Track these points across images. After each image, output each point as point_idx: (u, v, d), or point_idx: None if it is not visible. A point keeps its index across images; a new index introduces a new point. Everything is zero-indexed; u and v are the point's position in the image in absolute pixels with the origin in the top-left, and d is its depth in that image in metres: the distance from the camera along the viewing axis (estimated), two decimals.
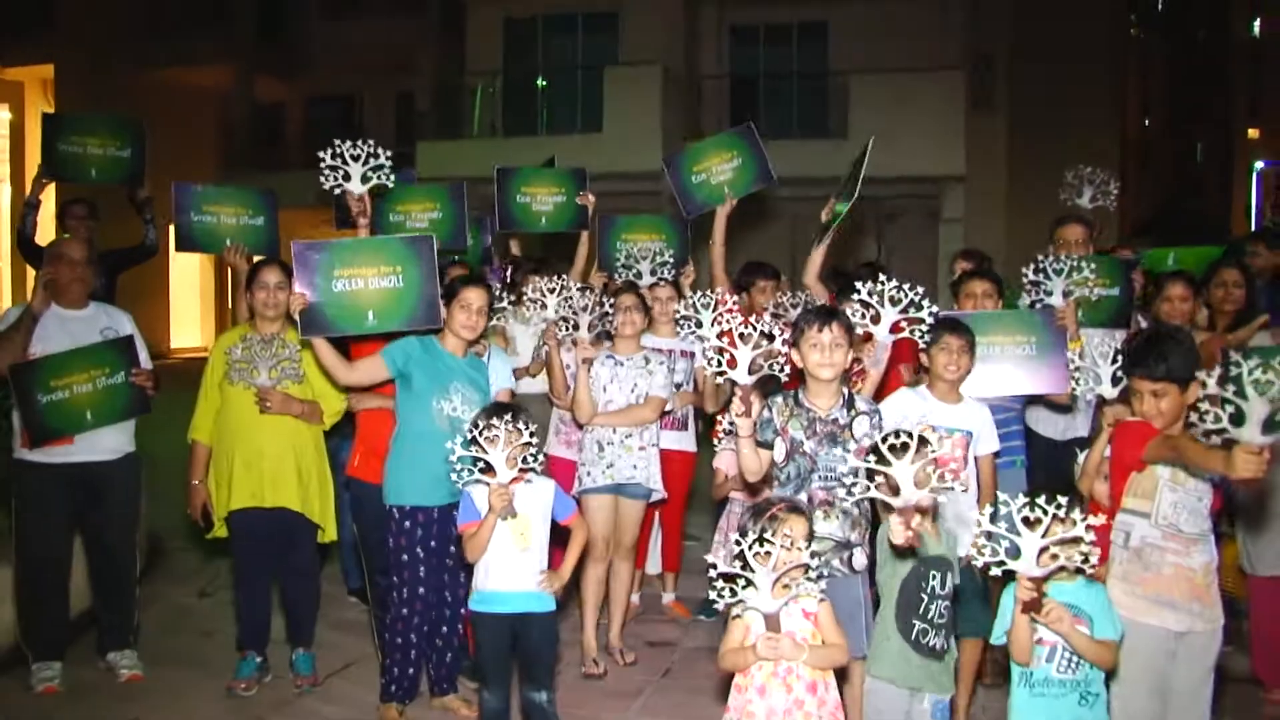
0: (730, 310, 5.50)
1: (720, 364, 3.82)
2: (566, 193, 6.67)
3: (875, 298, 4.28)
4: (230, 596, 5.84)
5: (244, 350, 4.86)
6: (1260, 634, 4.91)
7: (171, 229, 6.25)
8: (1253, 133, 65.48)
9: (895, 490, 3.16)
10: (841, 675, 3.57)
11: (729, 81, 20.99)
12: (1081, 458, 4.30)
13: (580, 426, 5.40)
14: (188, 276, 24.81)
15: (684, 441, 6.00)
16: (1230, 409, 3.05)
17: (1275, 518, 4.65)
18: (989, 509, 3.07)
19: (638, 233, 6.61)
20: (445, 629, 4.74)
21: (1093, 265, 5.20)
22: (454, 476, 4.03)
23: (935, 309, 4.34)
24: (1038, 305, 5.14)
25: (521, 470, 3.97)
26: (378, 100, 28.28)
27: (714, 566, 3.09)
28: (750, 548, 3.04)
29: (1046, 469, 5.17)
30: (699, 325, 5.44)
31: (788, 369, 3.96)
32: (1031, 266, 5.21)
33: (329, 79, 27.75)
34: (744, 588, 3.09)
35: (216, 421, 5.05)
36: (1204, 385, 3.18)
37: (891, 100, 18.68)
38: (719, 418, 5.54)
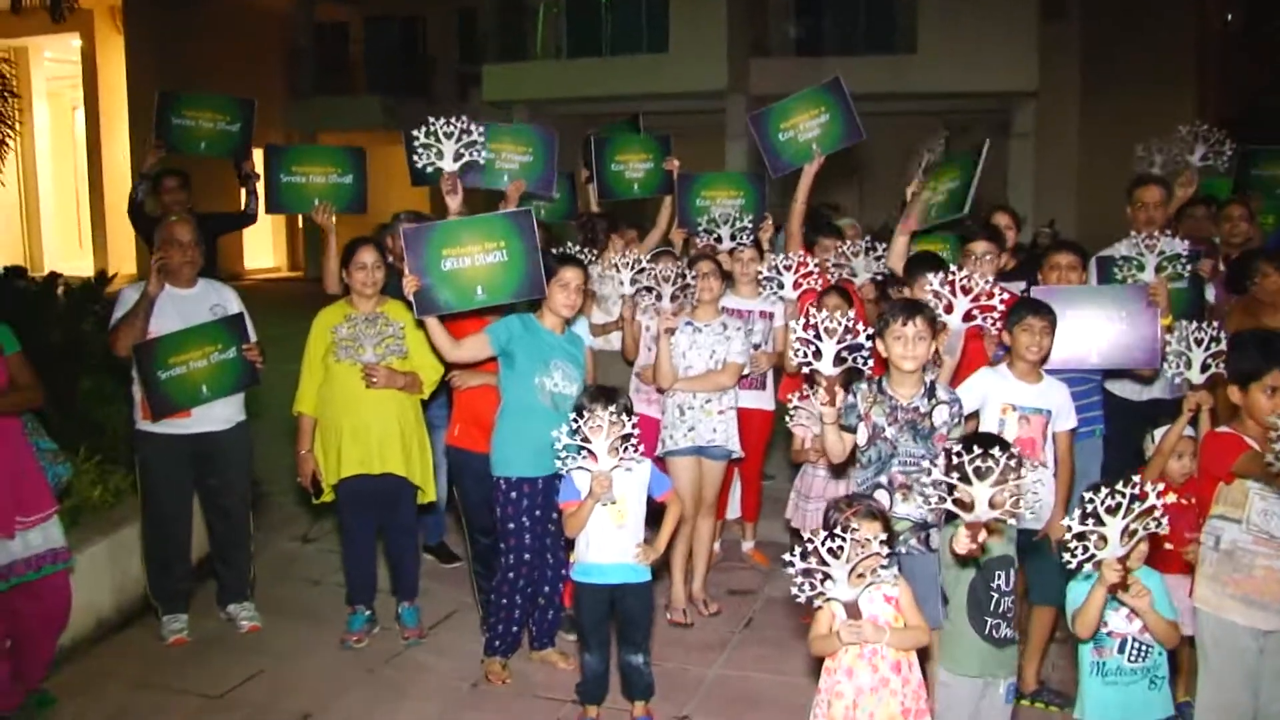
0: (809, 274, 5.68)
1: (806, 355, 3.98)
2: (654, 159, 6.90)
3: (948, 287, 4.43)
4: (331, 544, 6.27)
5: (349, 329, 5.08)
6: None
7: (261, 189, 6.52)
8: None
9: (970, 506, 3.28)
10: (925, 654, 3.78)
11: None
12: (1156, 434, 4.46)
13: (661, 390, 5.61)
14: None
15: (762, 400, 6.18)
16: None
17: None
18: (1076, 508, 3.23)
19: (716, 189, 6.76)
20: (547, 589, 5.05)
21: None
22: (558, 462, 4.26)
23: (1005, 298, 4.51)
24: (1130, 282, 5.18)
25: (621, 458, 4.21)
26: (440, 20, 28.23)
27: (791, 564, 3.23)
28: (824, 544, 3.20)
29: (1122, 429, 5.28)
30: (780, 286, 5.63)
31: (871, 362, 4.13)
32: (1124, 243, 5.27)
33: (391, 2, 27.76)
34: (822, 580, 3.28)
35: (320, 394, 5.29)
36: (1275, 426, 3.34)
37: (961, 12, 18.36)
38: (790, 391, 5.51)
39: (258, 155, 6.45)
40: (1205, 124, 6.64)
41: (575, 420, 4.16)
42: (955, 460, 3.24)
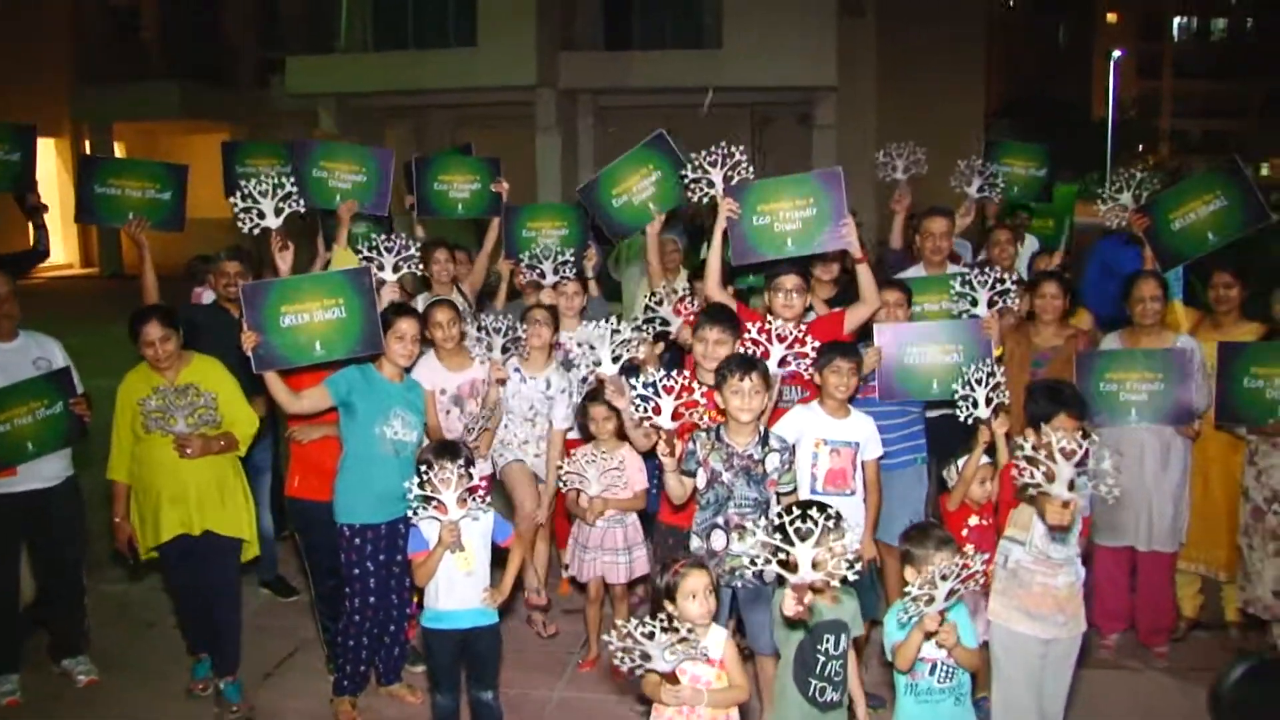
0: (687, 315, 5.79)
1: (645, 410, 4.26)
2: (481, 180, 6.89)
3: (764, 336, 4.85)
4: (161, 582, 6.19)
5: (158, 401, 4.89)
6: (1099, 591, 5.66)
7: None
8: (1111, 17, 66.93)
9: (794, 568, 3.51)
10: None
11: None
12: (960, 463, 4.89)
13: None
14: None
15: None
16: (1043, 469, 3.74)
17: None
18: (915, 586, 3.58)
19: (541, 220, 6.88)
20: (393, 628, 5.17)
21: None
22: (410, 514, 4.39)
23: (817, 344, 4.90)
24: (964, 315, 5.54)
25: (468, 509, 4.38)
26: (239, 4, 27.41)
27: (609, 646, 3.47)
28: (639, 629, 3.41)
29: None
30: (664, 322, 5.75)
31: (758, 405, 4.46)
32: (958, 279, 5.62)
33: None
34: (641, 656, 3.49)
35: (134, 457, 5.13)
36: (1020, 448, 3.83)
37: (764, 9, 18.91)
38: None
39: (54, 172, 6.20)
40: (990, 113, 7.11)
41: (423, 474, 4.30)
42: (777, 522, 3.51)
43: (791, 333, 4.86)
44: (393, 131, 22.09)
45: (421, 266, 5.99)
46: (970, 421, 4.79)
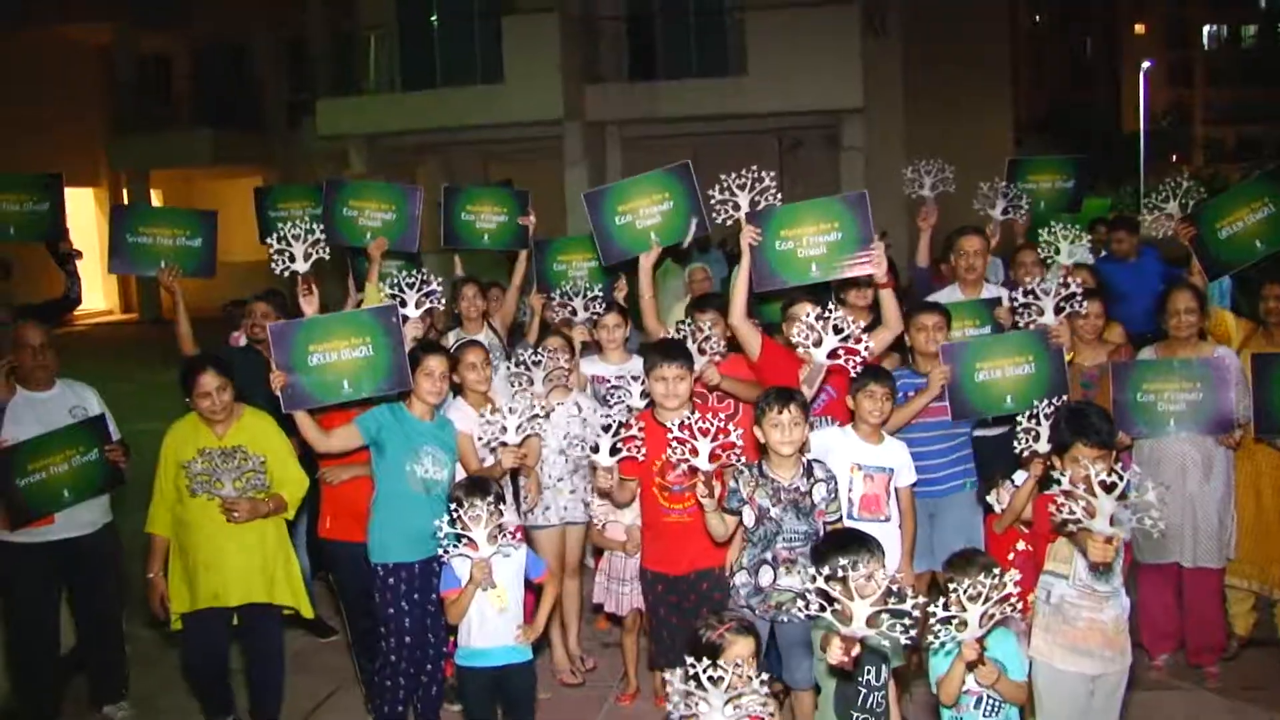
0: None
1: (683, 453, 4.21)
2: (509, 212, 6.87)
3: (820, 323, 4.73)
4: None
5: (204, 464, 4.80)
6: (1145, 611, 5.56)
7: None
8: (1139, 28, 66.73)
9: (848, 619, 3.39)
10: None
11: (626, 23, 21.02)
12: (993, 496, 4.82)
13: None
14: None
15: None
16: (1083, 503, 3.60)
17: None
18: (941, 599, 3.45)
19: (571, 253, 6.91)
20: (430, 666, 5.12)
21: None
22: (440, 551, 4.39)
23: (871, 344, 4.81)
24: (1031, 325, 5.43)
25: (500, 545, 4.36)
26: (268, 50, 27.77)
27: (670, 685, 3.21)
28: (705, 672, 3.16)
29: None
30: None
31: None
32: (947, 290, 5.58)
33: (216, 27, 27.14)
34: (697, 704, 3.24)
35: (175, 514, 5.05)
36: (1058, 483, 3.73)
37: (788, 35, 18.89)
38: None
39: (94, 220, 6.32)
40: (1016, 132, 7.04)
41: (454, 511, 4.28)
42: (837, 573, 3.38)
43: (850, 327, 4.76)
44: (422, 169, 22.20)
45: (449, 302, 5.99)
46: (1025, 454, 4.67)
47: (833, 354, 4.78)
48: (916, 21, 21.86)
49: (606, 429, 4.62)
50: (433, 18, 20.84)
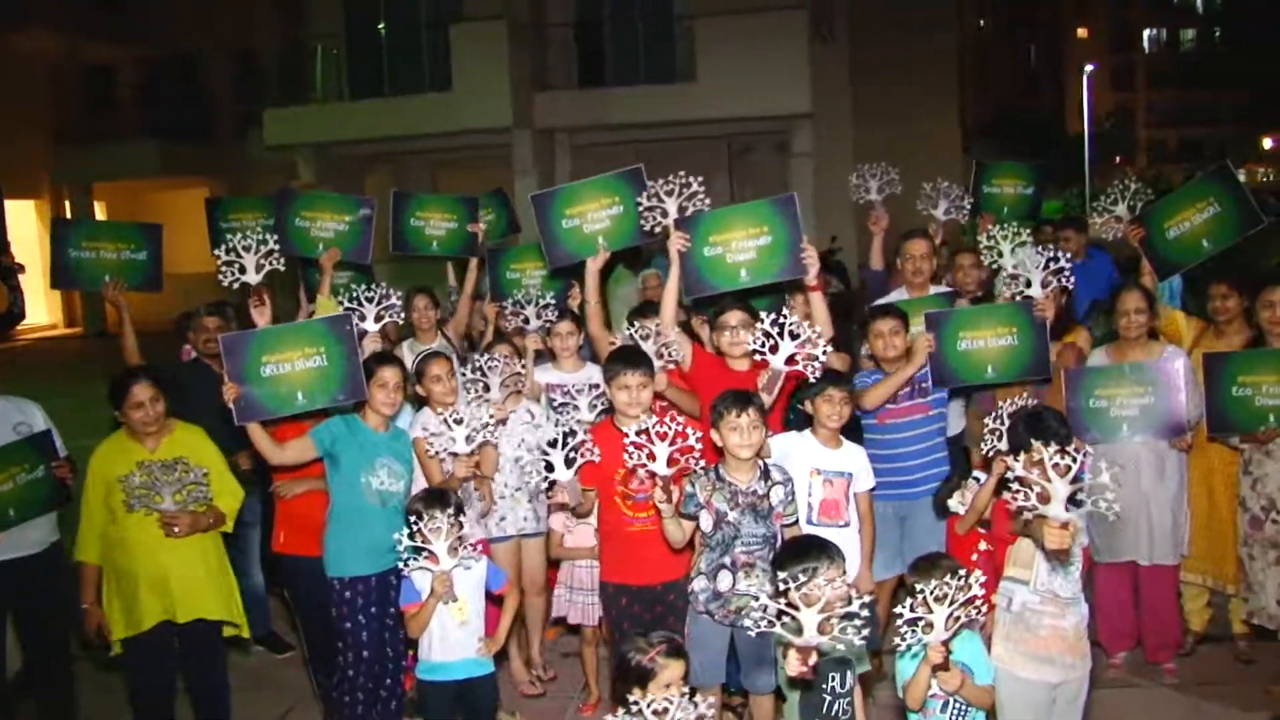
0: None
1: (640, 457, 4.17)
2: (459, 219, 6.83)
3: (777, 329, 4.67)
4: None
5: (143, 477, 4.65)
6: (1102, 609, 5.60)
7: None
8: (1081, 32, 67.81)
9: (798, 630, 3.33)
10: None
11: (574, 30, 20.99)
12: (955, 499, 4.83)
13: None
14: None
15: None
16: (1038, 489, 3.56)
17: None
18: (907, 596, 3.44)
19: (524, 261, 6.85)
20: (388, 680, 5.04)
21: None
22: (400, 565, 4.32)
23: (828, 349, 4.76)
24: (1017, 297, 5.46)
25: (461, 558, 4.31)
26: (216, 60, 27.49)
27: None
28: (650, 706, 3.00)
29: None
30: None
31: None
32: (897, 292, 5.57)
33: (163, 39, 26.83)
34: None
35: (107, 538, 4.87)
36: (1010, 469, 3.70)
37: (736, 41, 18.95)
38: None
39: (36, 234, 6.22)
40: (964, 136, 7.05)
41: (413, 524, 4.24)
42: (783, 587, 3.33)
43: (806, 331, 4.67)
44: (372, 178, 22.08)
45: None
46: (990, 453, 4.65)
47: (790, 360, 4.74)
48: (864, 28, 22.03)
49: (554, 444, 4.56)
50: (381, 26, 20.74)
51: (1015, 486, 3.65)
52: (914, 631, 3.39)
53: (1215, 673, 5.62)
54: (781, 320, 4.72)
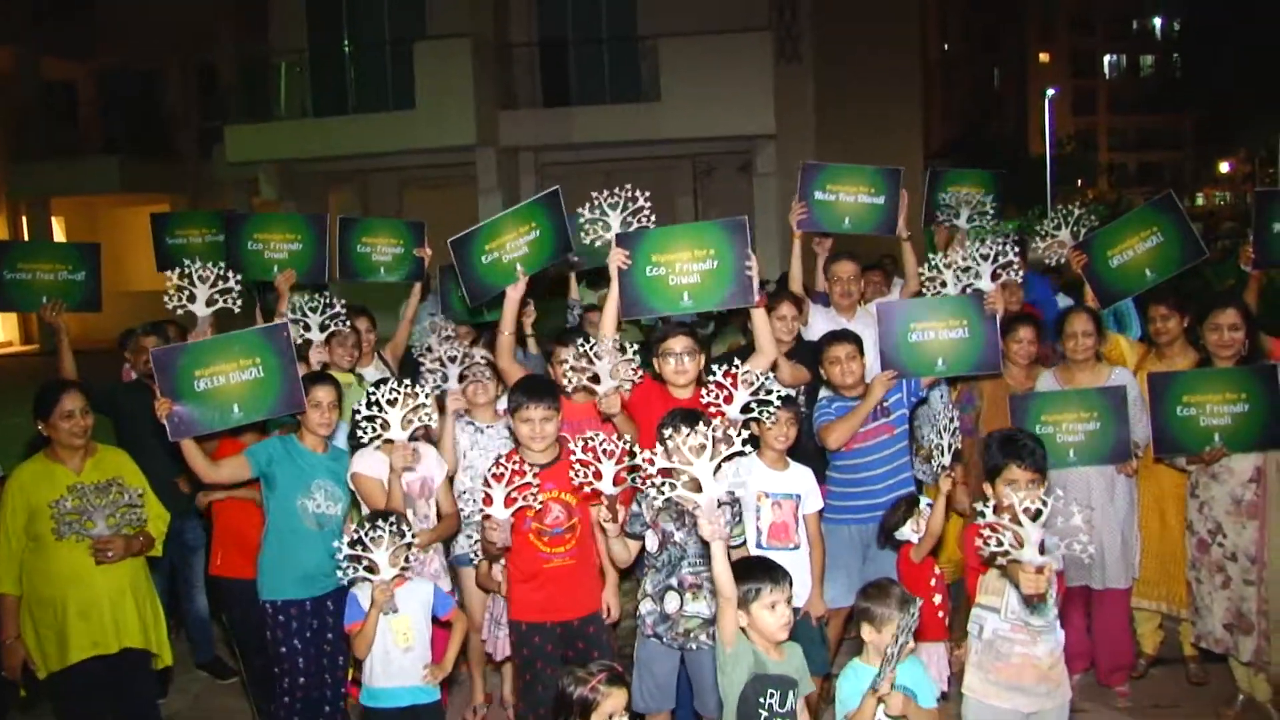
0: None
1: (586, 476, 4.10)
2: (405, 244, 6.73)
3: (730, 380, 4.43)
4: None
5: (75, 501, 4.50)
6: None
7: None
8: (1044, 57, 68.64)
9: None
10: None
11: (539, 49, 20.93)
12: (909, 527, 4.78)
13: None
14: None
15: None
16: (1010, 534, 3.51)
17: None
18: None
19: None
20: (328, 708, 4.95)
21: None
22: (339, 573, 4.23)
23: (782, 392, 4.53)
24: (968, 290, 5.37)
25: (403, 569, 4.23)
26: (178, 76, 27.30)
27: None
28: None
29: None
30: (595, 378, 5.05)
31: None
32: (959, 254, 5.49)
33: (123, 55, 26.61)
34: None
35: (29, 566, 4.67)
36: (982, 515, 3.61)
37: (701, 61, 18.97)
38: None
39: None
40: (927, 158, 6.96)
41: (356, 533, 4.16)
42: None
43: (758, 379, 4.45)
44: (336, 196, 21.97)
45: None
46: (938, 472, 4.61)
47: (746, 409, 4.48)
48: (828, 49, 22.09)
49: (499, 478, 4.34)
50: (345, 44, 20.63)
51: (987, 533, 3.58)
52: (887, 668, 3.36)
53: (1167, 695, 5.61)
54: (734, 368, 4.44)
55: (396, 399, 4.30)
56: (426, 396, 4.52)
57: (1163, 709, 5.46)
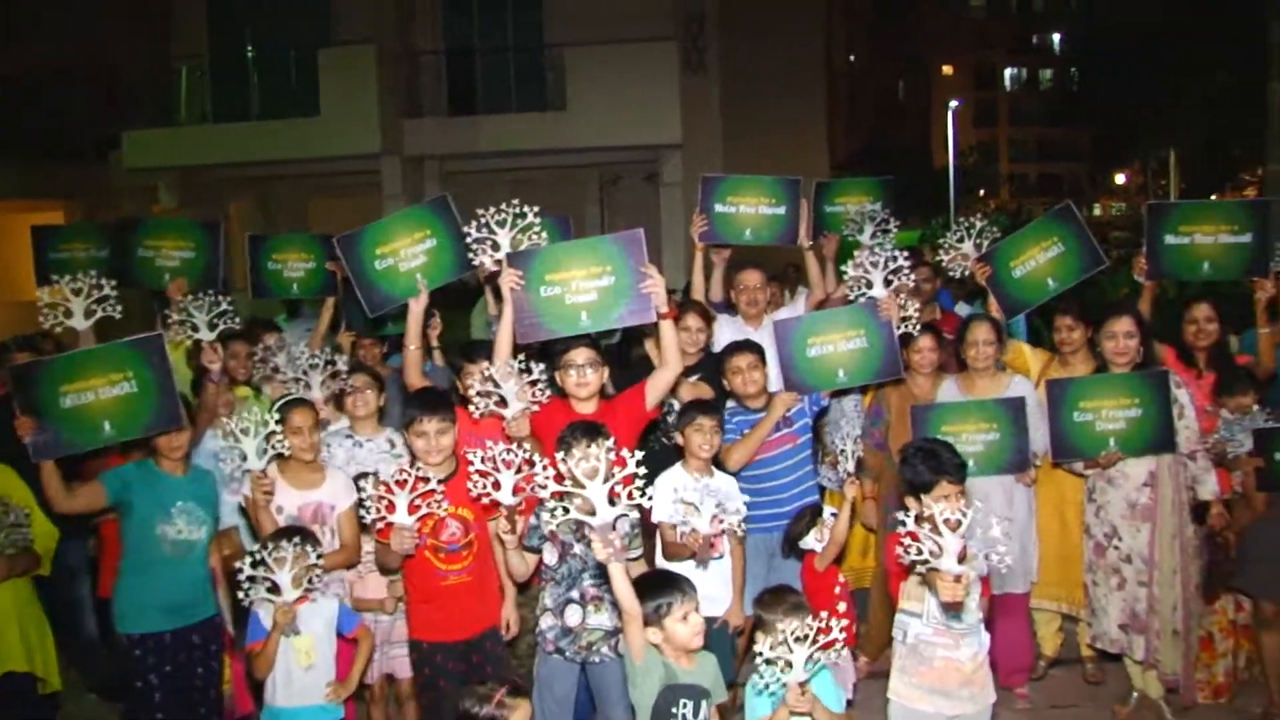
0: None
1: (485, 486, 4.01)
2: (316, 259, 6.60)
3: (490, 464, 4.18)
4: None
5: None
6: None
7: None
8: (947, 70, 70.02)
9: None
10: None
11: (445, 57, 20.81)
12: (812, 536, 4.80)
13: None
14: None
15: None
16: (930, 544, 3.52)
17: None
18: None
19: None
20: None
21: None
22: (239, 594, 4.10)
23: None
24: (861, 299, 5.40)
25: (306, 590, 4.14)
26: (76, 79, 26.55)
27: None
28: None
29: None
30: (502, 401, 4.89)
31: None
32: (850, 264, 5.49)
33: (22, 57, 25.83)
34: None
35: None
36: (902, 524, 3.61)
37: (607, 71, 18.97)
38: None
39: None
40: (833, 168, 6.98)
41: (260, 553, 4.04)
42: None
43: (519, 456, 4.05)
44: (237, 205, 21.55)
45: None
46: (844, 478, 4.64)
47: (517, 489, 4.12)
48: (734, 60, 22.24)
49: (401, 484, 4.20)
50: (248, 49, 20.27)
51: (907, 542, 3.57)
52: (771, 671, 3.33)
53: (1066, 695, 5.70)
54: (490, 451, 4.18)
55: (286, 558, 4.03)
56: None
57: (1061, 709, 5.54)
